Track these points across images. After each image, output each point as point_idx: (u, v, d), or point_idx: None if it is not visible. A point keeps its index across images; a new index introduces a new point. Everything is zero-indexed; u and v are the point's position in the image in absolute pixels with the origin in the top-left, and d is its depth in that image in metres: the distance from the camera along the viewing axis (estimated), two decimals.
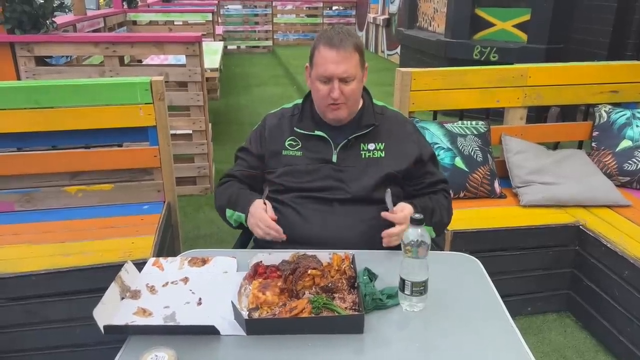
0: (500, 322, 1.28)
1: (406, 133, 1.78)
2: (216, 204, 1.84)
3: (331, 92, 1.62)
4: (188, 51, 3.66)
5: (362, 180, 1.68)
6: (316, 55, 1.64)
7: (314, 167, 1.71)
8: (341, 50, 1.59)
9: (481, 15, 6.06)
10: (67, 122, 2.41)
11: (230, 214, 1.75)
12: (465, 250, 1.65)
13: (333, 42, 1.60)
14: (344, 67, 1.60)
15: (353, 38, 1.63)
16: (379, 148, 1.73)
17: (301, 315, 1.21)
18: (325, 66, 1.61)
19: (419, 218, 1.27)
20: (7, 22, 3.43)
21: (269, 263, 1.43)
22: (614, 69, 3.04)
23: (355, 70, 1.63)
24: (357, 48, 1.63)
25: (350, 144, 1.71)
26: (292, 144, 1.75)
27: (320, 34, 1.66)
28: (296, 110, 1.80)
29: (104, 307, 1.22)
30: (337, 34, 1.61)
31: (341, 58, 1.59)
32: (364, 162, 1.71)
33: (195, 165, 4.02)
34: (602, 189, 2.63)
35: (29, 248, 2.14)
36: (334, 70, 1.60)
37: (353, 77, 1.63)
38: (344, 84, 1.62)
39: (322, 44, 1.62)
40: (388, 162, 1.71)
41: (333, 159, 1.71)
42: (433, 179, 1.79)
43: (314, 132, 1.72)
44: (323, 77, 1.62)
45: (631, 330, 2.18)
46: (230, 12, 12.58)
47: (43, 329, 2.07)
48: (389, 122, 1.77)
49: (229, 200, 1.76)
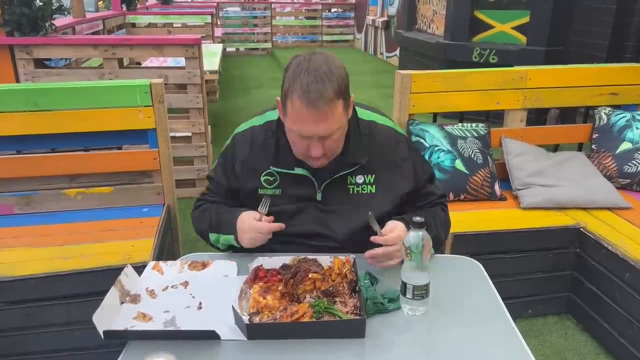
0: (502, 325, 1.28)
1: (399, 160, 1.56)
2: (196, 229, 1.66)
3: (310, 149, 1.38)
4: (187, 53, 3.66)
5: (350, 222, 1.50)
6: (289, 105, 1.33)
7: (297, 207, 1.52)
8: (321, 108, 1.30)
9: (480, 17, 6.06)
10: (67, 125, 2.41)
11: (215, 237, 1.58)
12: (465, 252, 1.64)
13: (310, 97, 1.29)
14: (325, 126, 1.34)
15: (333, 83, 1.31)
16: (369, 182, 1.52)
17: (302, 319, 1.21)
18: (301, 126, 1.34)
19: (420, 221, 1.26)
20: (6, 25, 3.43)
21: (270, 267, 1.42)
22: (614, 71, 3.04)
23: (339, 122, 1.37)
24: (339, 93, 1.32)
25: (336, 179, 1.51)
26: (268, 179, 1.53)
27: (292, 75, 1.33)
28: (269, 134, 1.53)
29: (103, 312, 1.21)
30: (313, 82, 1.29)
31: (321, 117, 1.32)
32: (353, 199, 1.52)
33: (194, 167, 4.02)
34: (602, 191, 2.63)
35: (28, 251, 2.13)
36: (312, 131, 1.34)
37: (336, 130, 1.37)
38: (326, 139, 1.38)
39: (297, 95, 1.30)
40: (380, 200, 1.52)
41: (317, 197, 1.52)
42: (430, 199, 1.63)
43: (293, 169, 1.50)
44: (299, 135, 1.37)
45: (632, 333, 2.18)
46: (229, 15, 12.58)
47: (42, 333, 2.06)
48: (378, 147, 1.53)
49: (209, 224, 1.58)
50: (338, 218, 1.52)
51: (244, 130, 1.60)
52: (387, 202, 1.53)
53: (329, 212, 1.52)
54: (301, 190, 1.52)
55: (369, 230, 1.41)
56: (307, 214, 1.52)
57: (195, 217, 1.67)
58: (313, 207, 1.52)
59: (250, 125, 1.60)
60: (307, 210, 1.52)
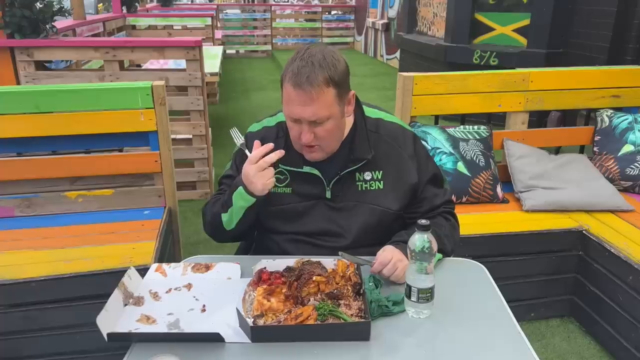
0: (508, 328, 1.27)
1: (406, 155, 1.56)
2: (208, 219, 1.62)
3: (301, 135, 1.41)
4: (188, 55, 3.65)
5: (359, 219, 1.52)
6: (283, 90, 1.39)
7: (307, 205, 1.53)
8: (307, 89, 1.32)
9: (481, 19, 6.07)
10: (68, 127, 2.40)
11: (228, 217, 1.53)
12: (467, 255, 1.63)
13: (299, 80, 1.32)
14: (312, 109, 1.35)
15: (325, 70, 1.33)
16: (377, 178, 1.53)
17: (307, 322, 1.20)
18: (290, 107, 1.38)
19: (425, 224, 1.25)
20: (6, 27, 3.43)
21: (273, 269, 1.41)
22: (615, 74, 3.03)
23: (328, 110, 1.37)
24: (330, 81, 1.34)
25: (344, 176, 1.52)
26: (279, 178, 1.53)
27: (289, 62, 1.38)
28: (280, 133, 1.55)
29: (107, 315, 1.20)
30: (305, 66, 1.33)
31: (308, 99, 1.33)
32: (362, 195, 1.53)
33: (195, 170, 4.01)
34: (605, 194, 2.62)
35: (29, 254, 2.12)
36: (301, 114, 1.36)
37: (325, 118, 1.37)
38: (316, 126, 1.39)
39: (288, 80, 1.35)
40: (388, 196, 1.53)
41: (326, 195, 1.53)
42: (433, 204, 1.60)
43: (302, 168, 1.51)
44: (290, 118, 1.41)
45: (635, 336, 2.17)
46: (229, 17, 12.60)
47: (43, 336, 2.05)
48: (385, 143, 1.54)
49: (222, 204, 1.55)
50: (347, 215, 1.53)
51: (257, 130, 1.61)
52: (396, 197, 1.54)
53: (338, 210, 1.53)
54: (310, 189, 1.53)
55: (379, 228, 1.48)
56: (317, 212, 1.53)
57: (206, 209, 1.64)
58: (323, 204, 1.53)
59: (262, 125, 1.61)
60: (316, 208, 1.53)
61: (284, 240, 1.57)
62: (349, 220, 1.53)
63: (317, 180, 1.52)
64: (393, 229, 1.56)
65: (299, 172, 1.52)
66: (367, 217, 1.52)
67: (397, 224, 1.58)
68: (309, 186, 1.53)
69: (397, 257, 1.40)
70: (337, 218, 1.53)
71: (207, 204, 1.66)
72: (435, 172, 1.63)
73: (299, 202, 1.53)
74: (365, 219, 1.53)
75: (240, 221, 1.53)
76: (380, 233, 1.53)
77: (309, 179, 1.52)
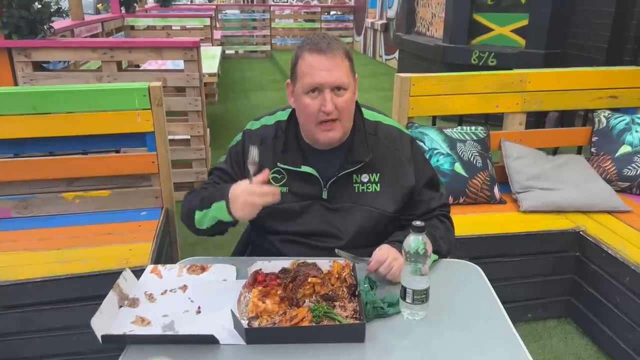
0: (502, 329, 1.27)
1: (403, 159, 1.57)
2: (184, 210, 1.57)
3: (323, 105, 1.40)
4: (186, 56, 3.66)
5: (355, 220, 1.52)
6: (300, 64, 1.43)
7: (303, 205, 1.53)
8: (330, 55, 1.40)
9: (479, 20, 6.07)
10: (65, 128, 2.40)
11: (201, 215, 1.49)
12: (464, 256, 1.63)
13: (320, 46, 1.40)
14: (337, 73, 1.40)
15: (341, 43, 1.45)
16: (374, 180, 1.54)
17: (302, 324, 1.20)
18: (313, 74, 1.40)
19: (420, 225, 1.25)
20: (4, 28, 3.43)
21: (269, 271, 1.41)
22: (613, 75, 3.04)
23: (347, 78, 1.43)
24: (347, 54, 1.44)
25: (341, 177, 1.52)
26: (276, 177, 1.53)
27: (302, 42, 1.46)
28: (279, 133, 1.56)
29: (101, 316, 1.20)
30: (323, 39, 1.42)
31: (332, 64, 1.40)
32: (358, 197, 1.53)
33: (193, 170, 4.01)
34: (602, 195, 2.62)
35: (26, 255, 2.12)
36: (325, 78, 1.39)
37: (347, 85, 1.42)
38: (337, 94, 1.41)
39: (307, 50, 1.41)
40: (384, 198, 1.53)
41: (323, 195, 1.53)
42: (429, 207, 1.60)
43: (300, 167, 1.51)
44: (312, 86, 1.40)
45: (632, 337, 2.17)
46: (228, 17, 12.61)
47: (39, 338, 2.05)
48: (383, 146, 1.56)
49: (201, 200, 1.50)
50: (343, 216, 1.53)
51: (256, 128, 1.61)
52: (392, 200, 1.54)
53: (335, 211, 1.53)
54: (307, 189, 1.53)
55: (374, 230, 1.48)
56: (313, 212, 1.53)
57: (186, 199, 1.59)
58: (319, 205, 1.53)
59: (261, 124, 1.62)
60: (313, 208, 1.53)
61: (280, 241, 1.57)
62: (344, 222, 1.53)
63: (314, 181, 1.52)
64: (389, 231, 1.56)
65: (297, 172, 1.52)
66: (363, 219, 1.53)
67: (393, 226, 1.58)
68: (306, 186, 1.53)
69: (393, 256, 1.40)
70: (333, 219, 1.54)
71: (190, 193, 1.63)
72: (432, 175, 1.64)
73: (296, 201, 1.53)
74: (361, 221, 1.53)
75: (211, 227, 1.50)
76: (376, 235, 1.53)
77: (307, 179, 1.52)
